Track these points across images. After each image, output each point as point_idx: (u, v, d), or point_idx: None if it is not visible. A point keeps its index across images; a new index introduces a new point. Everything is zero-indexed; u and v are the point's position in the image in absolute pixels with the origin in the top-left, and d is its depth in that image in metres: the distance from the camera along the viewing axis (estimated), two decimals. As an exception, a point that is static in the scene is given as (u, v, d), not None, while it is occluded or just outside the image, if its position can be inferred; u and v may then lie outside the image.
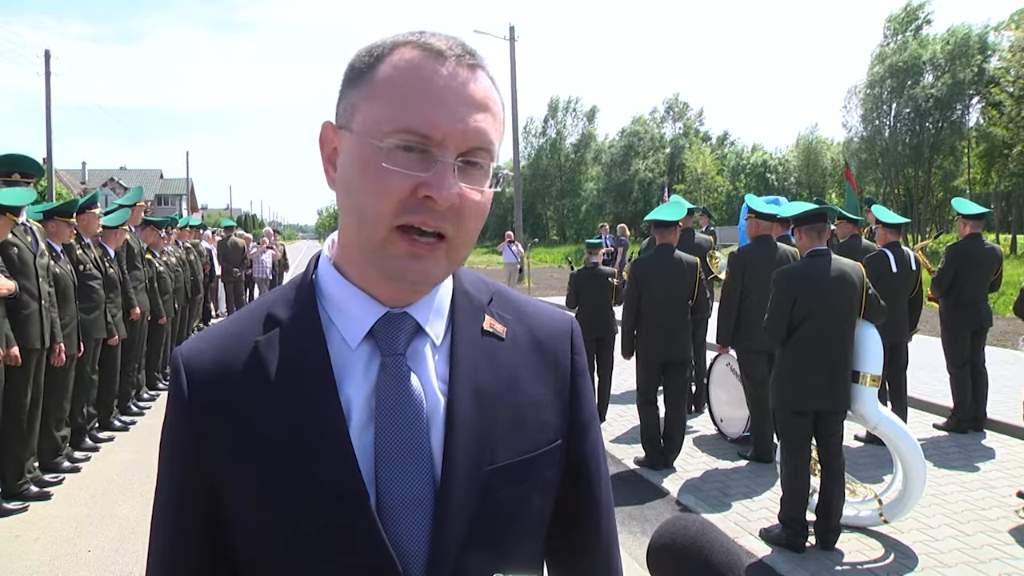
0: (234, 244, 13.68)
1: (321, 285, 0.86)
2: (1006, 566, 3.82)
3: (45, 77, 26.38)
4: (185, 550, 0.84)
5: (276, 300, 0.87)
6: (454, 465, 0.80)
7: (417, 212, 0.76)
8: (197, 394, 0.82)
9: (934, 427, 6.35)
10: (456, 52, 0.78)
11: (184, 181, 63.50)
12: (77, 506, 4.84)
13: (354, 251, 0.83)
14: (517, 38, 25.03)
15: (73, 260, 5.67)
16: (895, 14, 36.77)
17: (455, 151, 0.76)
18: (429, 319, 0.85)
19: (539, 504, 0.88)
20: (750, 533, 4.31)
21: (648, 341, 5.49)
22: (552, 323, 0.95)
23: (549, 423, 0.89)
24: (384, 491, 0.79)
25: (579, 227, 53.94)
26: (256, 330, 0.84)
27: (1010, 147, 28.55)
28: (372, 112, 0.77)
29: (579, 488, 0.94)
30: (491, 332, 0.88)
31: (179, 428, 0.83)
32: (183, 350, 0.85)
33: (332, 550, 0.78)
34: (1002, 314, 11.46)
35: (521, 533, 0.86)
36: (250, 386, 0.81)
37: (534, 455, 0.86)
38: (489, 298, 0.92)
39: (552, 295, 17.55)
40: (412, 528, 0.79)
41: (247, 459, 0.79)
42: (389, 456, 0.79)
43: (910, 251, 6.00)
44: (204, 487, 0.81)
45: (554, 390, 0.91)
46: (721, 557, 0.77)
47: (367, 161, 0.76)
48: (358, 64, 0.81)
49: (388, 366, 0.82)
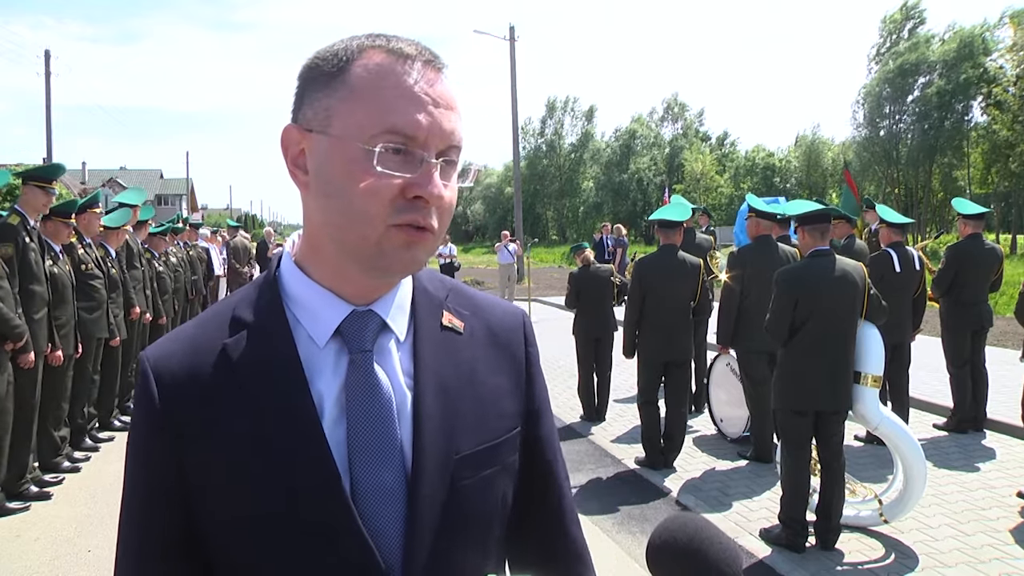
0: (241, 244, 13.69)
1: (285, 285, 0.87)
2: (1006, 566, 3.81)
3: (45, 77, 26.37)
4: (154, 556, 0.83)
5: (240, 302, 0.88)
6: (424, 457, 0.83)
7: (408, 212, 0.78)
8: (167, 398, 0.82)
9: (934, 427, 6.35)
10: (424, 56, 0.81)
11: (184, 181, 63.54)
12: (77, 506, 4.84)
13: (326, 250, 0.84)
14: (517, 38, 25.00)
15: (75, 260, 5.68)
16: (891, 14, 36.80)
17: (435, 150, 0.79)
18: (393, 316, 0.87)
19: (502, 488, 0.91)
20: (750, 533, 4.31)
21: (650, 341, 5.49)
22: (505, 316, 0.99)
23: (508, 411, 0.93)
24: (359, 484, 0.80)
25: (579, 227, 53.94)
26: (223, 332, 0.85)
27: (1012, 147, 28.54)
28: (353, 116, 0.78)
29: (539, 469, 0.98)
30: (450, 327, 0.91)
31: (148, 432, 0.83)
32: (150, 354, 0.85)
33: (311, 545, 0.79)
34: (1002, 314, 11.46)
35: (490, 517, 0.89)
36: (220, 388, 0.82)
37: (496, 442, 0.90)
38: (446, 294, 0.95)
39: (552, 295, 17.55)
40: (387, 519, 0.81)
41: (220, 460, 0.80)
42: (362, 450, 0.81)
43: (914, 251, 6.00)
44: (174, 491, 0.81)
45: (511, 380, 0.95)
46: (719, 553, 0.79)
47: (356, 164, 0.77)
48: (324, 67, 0.81)
49: (357, 363, 0.84)
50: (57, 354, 5.03)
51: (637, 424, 5.80)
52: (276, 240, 14.67)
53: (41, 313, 4.80)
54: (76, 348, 5.41)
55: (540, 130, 57.29)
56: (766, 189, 45.18)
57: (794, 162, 49.99)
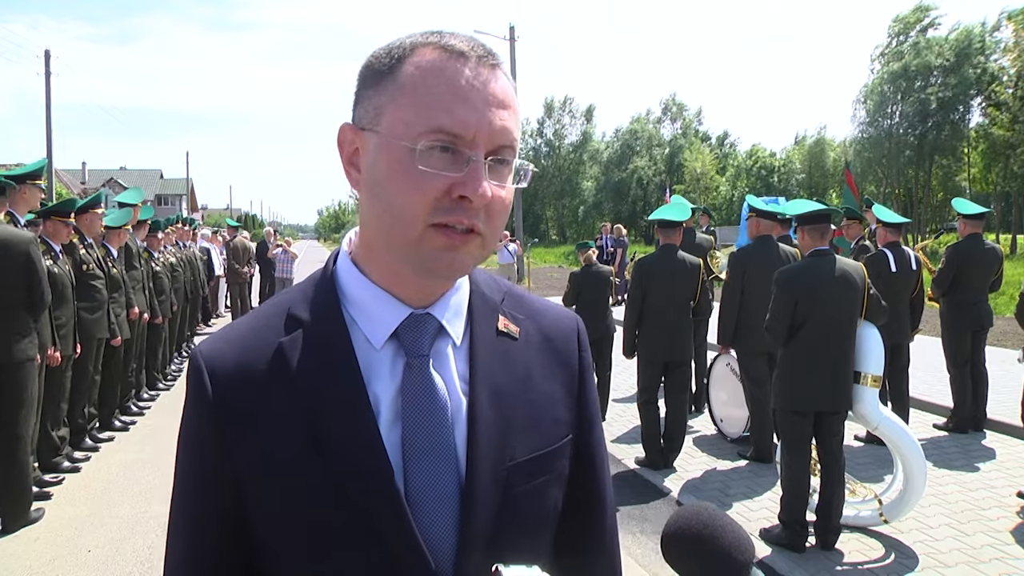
0: (241, 244, 13.68)
1: (342, 284, 0.87)
2: (1006, 566, 3.82)
3: (45, 77, 26.34)
4: (207, 548, 0.84)
5: (296, 299, 0.87)
6: (478, 462, 0.82)
7: (451, 212, 0.77)
8: (221, 395, 0.82)
9: (934, 427, 6.35)
10: (477, 53, 0.79)
11: (184, 181, 63.47)
12: (77, 506, 4.84)
13: (380, 249, 0.83)
14: (517, 38, 25.01)
15: (76, 260, 5.68)
16: (903, 14, 36.68)
17: (484, 150, 0.77)
18: (450, 320, 0.87)
19: (554, 497, 0.91)
20: (750, 533, 4.30)
21: (650, 341, 5.49)
22: (560, 321, 0.98)
23: (561, 418, 0.92)
24: (412, 487, 0.80)
25: (579, 227, 53.97)
26: (278, 330, 0.84)
27: (1012, 147, 28.54)
28: (401, 114, 0.77)
29: (587, 479, 0.97)
30: (505, 332, 0.91)
31: (201, 428, 0.83)
32: (204, 350, 0.85)
33: (362, 544, 0.79)
34: (1002, 314, 11.47)
35: (539, 526, 0.89)
36: (275, 386, 0.81)
37: (549, 450, 0.89)
38: (502, 298, 0.94)
39: (552, 295, 17.54)
40: (440, 522, 0.81)
41: (274, 458, 0.80)
42: (417, 453, 0.81)
43: (911, 251, 6.00)
44: (225, 487, 0.82)
45: (564, 387, 0.94)
46: (732, 541, 0.80)
47: (399, 163, 0.77)
48: (377, 65, 0.81)
49: (414, 367, 0.83)
50: (56, 355, 5.03)
51: (637, 424, 5.80)
52: (277, 240, 14.55)
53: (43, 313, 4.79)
54: (75, 348, 5.41)
55: (539, 130, 57.31)
56: (764, 189, 45.16)
57: (796, 163, 49.94)
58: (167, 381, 8.49)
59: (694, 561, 0.80)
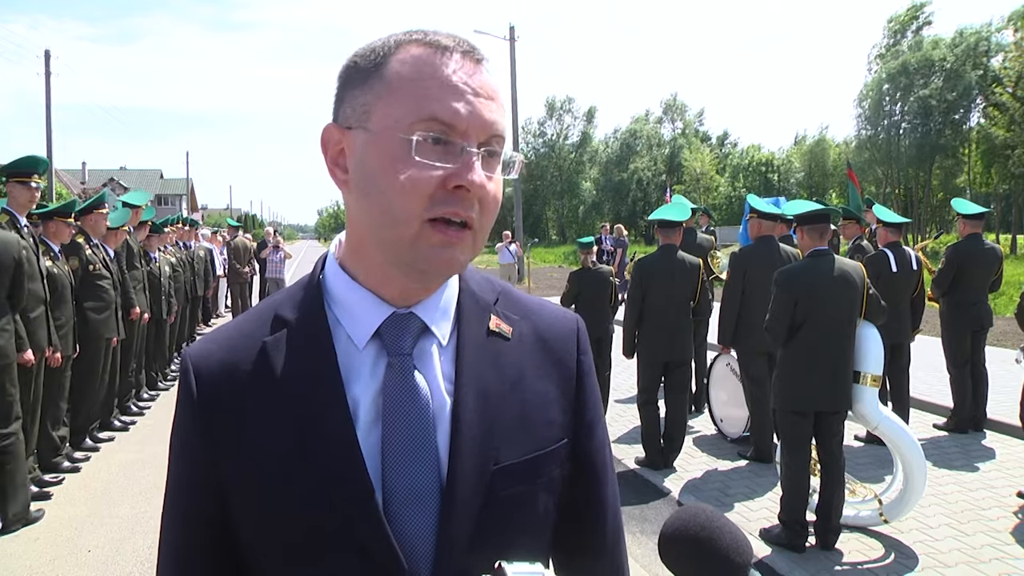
0: (242, 244, 13.68)
1: (328, 285, 0.87)
2: (1006, 566, 3.81)
3: (45, 77, 26.35)
4: (197, 550, 0.84)
5: (283, 301, 0.87)
6: (460, 464, 0.81)
7: (447, 204, 0.76)
8: (206, 395, 0.82)
9: (934, 427, 6.35)
10: (462, 47, 0.80)
11: (184, 181, 63.45)
12: (77, 506, 4.84)
13: (369, 249, 0.83)
14: (517, 38, 25.01)
15: (83, 260, 5.69)
16: (898, 14, 36.74)
17: (476, 140, 0.77)
18: (435, 319, 0.86)
19: (545, 503, 0.88)
20: (750, 533, 4.30)
21: (650, 341, 5.49)
22: (558, 322, 0.95)
23: (555, 421, 0.90)
24: (390, 489, 0.79)
25: (579, 227, 53.99)
26: (264, 330, 0.84)
27: (1012, 148, 28.54)
28: (391, 109, 0.77)
29: (585, 487, 0.95)
30: (497, 332, 0.89)
31: (188, 428, 0.84)
32: (191, 351, 0.86)
33: (338, 547, 0.78)
34: (1002, 314, 11.46)
35: (526, 532, 0.87)
36: (258, 386, 0.82)
37: (540, 454, 0.87)
38: (495, 298, 0.92)
39: (552, 295, 17.52)
40: (417, 525, 0.79)
41: (254, 459, 0.80)
42: (395, 455, 0.80)
43: (911, 251, 6.00)
44: (212, 486, 0.82)
45: (559, 388, 0.91)
46: (729, 543, 0.80)
47: (393, 156, 0.76)
48: (362, 64, 0.80)
49: (395, 366, 0.82)
50: (56, 355, 5.03)
51: (637, 424, 5.79)
52: (272, 242, 14.41)
53: (38, 311, 4.77)
54: (74, 348, 5.41)
55: (540, 130, 57.33)
56: (764, 189, 45.15)
57: (796, 162, 49.93)
58: (167, 381, 8.50)
59: (692, 564, 0.80)
